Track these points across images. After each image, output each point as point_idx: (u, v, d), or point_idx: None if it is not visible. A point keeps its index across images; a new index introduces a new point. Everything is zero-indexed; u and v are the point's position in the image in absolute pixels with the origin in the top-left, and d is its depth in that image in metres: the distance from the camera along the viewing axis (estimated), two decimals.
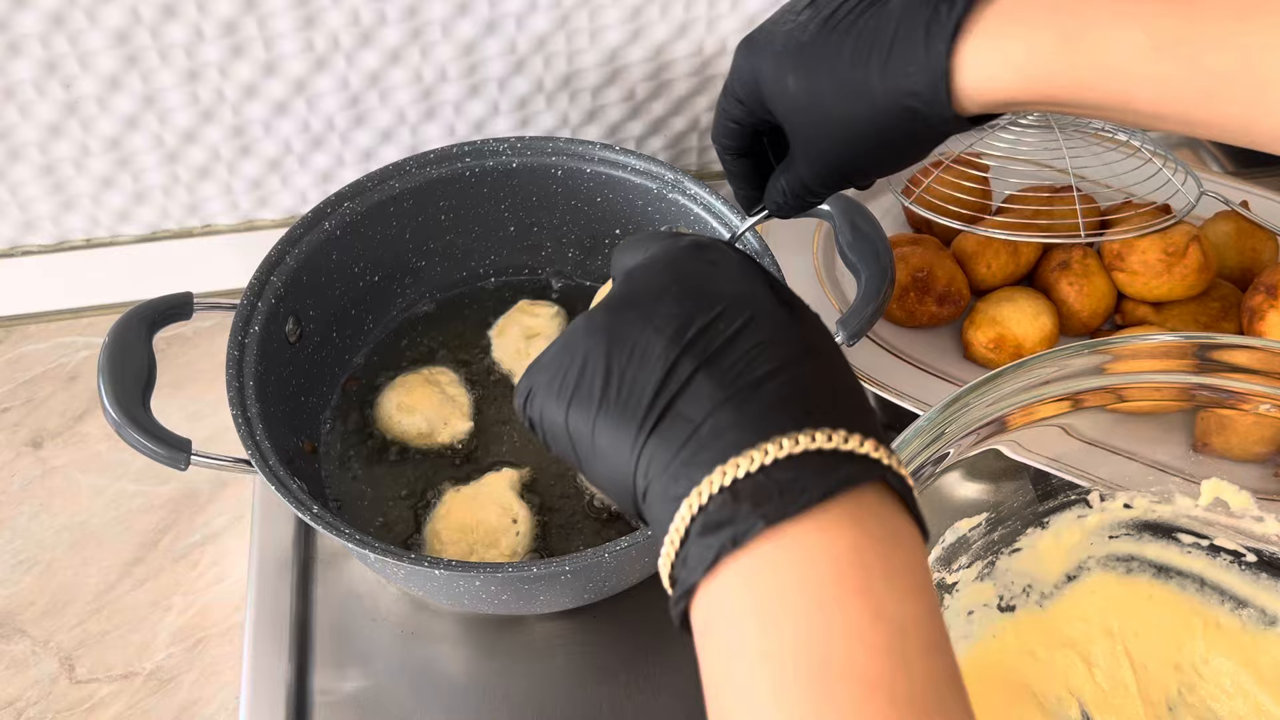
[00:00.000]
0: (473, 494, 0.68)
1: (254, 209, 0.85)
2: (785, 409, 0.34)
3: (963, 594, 0.59)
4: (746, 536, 0.32)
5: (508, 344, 0.76)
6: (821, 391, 0.35)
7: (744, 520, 0.32)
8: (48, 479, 0.77)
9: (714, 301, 0.37)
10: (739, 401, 0.34)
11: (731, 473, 0.32)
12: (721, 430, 0.33)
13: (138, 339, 0.61)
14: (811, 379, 0.35)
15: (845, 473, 0.32)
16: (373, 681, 0.66)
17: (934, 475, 0.54)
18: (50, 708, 0.67)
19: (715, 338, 0.36)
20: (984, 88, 0.42)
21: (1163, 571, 0.60)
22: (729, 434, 0.33)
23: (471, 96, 0.80)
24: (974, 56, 0.42)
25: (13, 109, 0.74)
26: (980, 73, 0.42)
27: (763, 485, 0.32)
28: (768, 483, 0.32)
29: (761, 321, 0.36)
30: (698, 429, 0.34)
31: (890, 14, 0.44)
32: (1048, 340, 0.73)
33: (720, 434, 0.33)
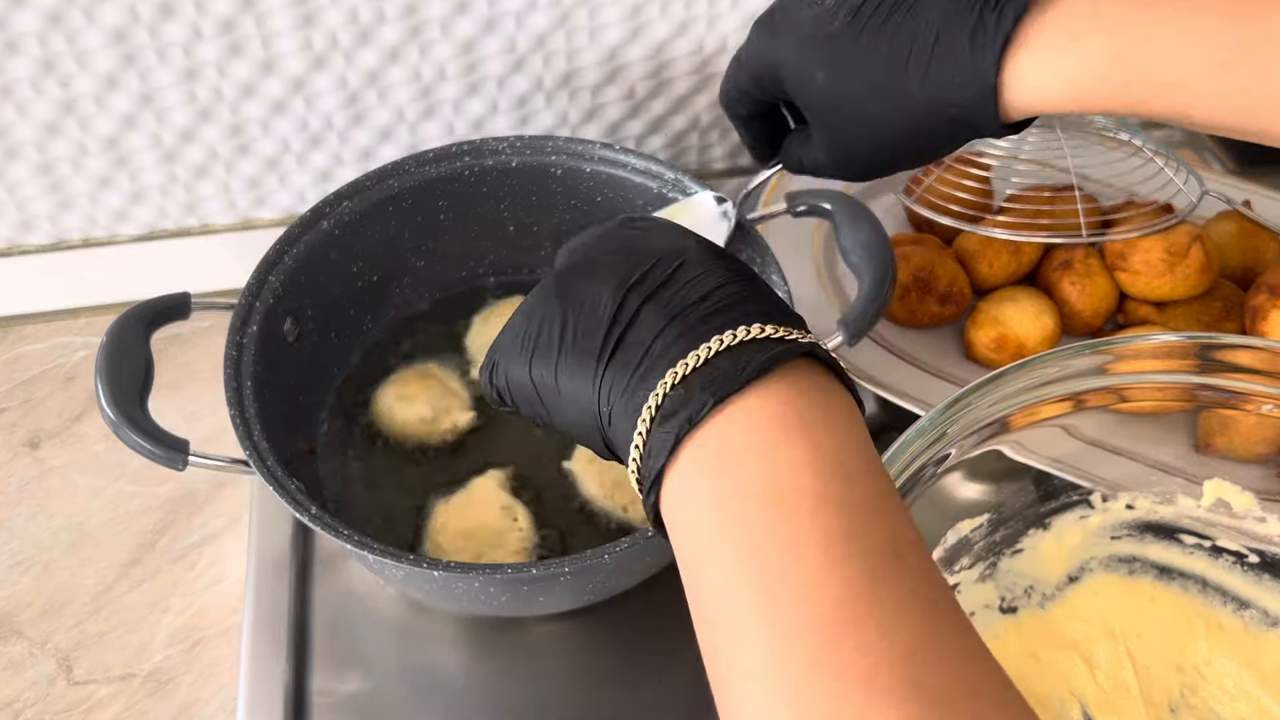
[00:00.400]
0: (465, 500, 0.68)
1: (252, 208, 0.85)
2: (722, 316, 0.38)
3: (964, 595, 0.58)
4: (700, 414, 0.36)
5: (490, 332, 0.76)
6: (751, 301, 0.39)
7: (696, 402, 0.36)
8: (45, 479, 0.77)
9: (649, 254, 0.41)
10: (682, 319, 0.38)
11: (681, 371, 0.37)
12: (670, 343, 0.37)
13: (135, 339, 0.61)
14: (742, 294, 0.39)
15: (779, 350, 0.37)
16: (371, 683, 0.66)
17: (935, 476, 0.54)
18: (48, 709, 0.67)
19: (655, 279, 0.40)
20: (1032, 99, 0.42)
21: (1165, 573, 0.60)
22: (676, 345, 0.37)
23: (470, 95, 0.80)
24: (1025, 69, 0.42)
25: (10, 108, 0.73)
26: (1030, 84, 0.42)
27: (709, 374, 0.36)
28: (713, 371, 0.36)
29: (693, 261, 0.40)
30: (649, 348, 0.38)
31: (929, 18, 0.44)
32: (1050, 340, 0.73)
33: (669, 347, 0.37)
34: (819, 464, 0.34)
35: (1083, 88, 0.42)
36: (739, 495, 0.34)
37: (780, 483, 0.34)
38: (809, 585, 0.32)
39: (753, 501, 0.34)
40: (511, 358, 0.42)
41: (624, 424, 0.38)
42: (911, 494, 0.52)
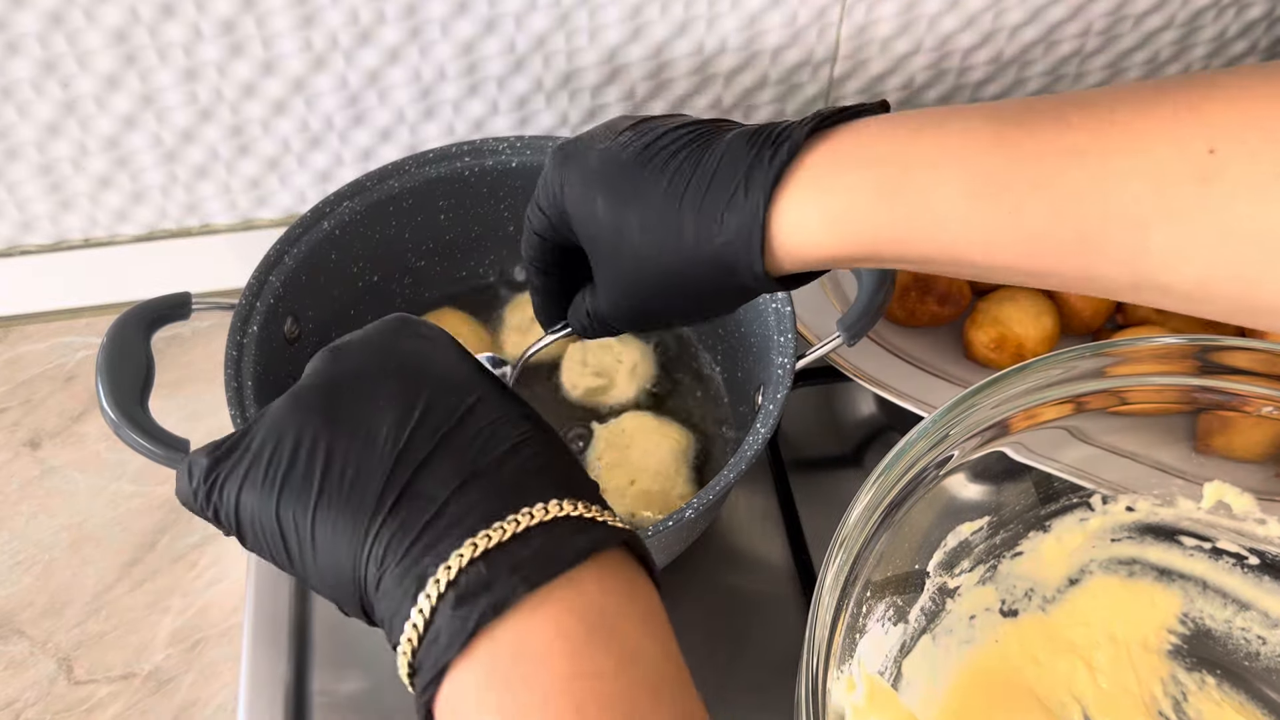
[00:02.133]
0: None
1: (252, 208, 0.85)
2: (533, 480, 0.34)
3: (965, 598, 0.58)
4: (508, 602, 0.31)
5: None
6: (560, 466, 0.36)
7: (503, 586, 0.31)
8: (46, 479, 0.77)
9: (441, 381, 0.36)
10: (486, 476, 0.34)
11: (483, 544, 0.32)
12: (471, 505, 0.33)
13: (136, 339, 0.61)
14: (550, 456, 0.36)
15: (595, 535, 0.33)
16: (371, 682, 0.66)
17: (937, 479, 0.54)
18: (49, 709, 0.67)
19: (448, 416, 0.35)
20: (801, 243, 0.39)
21: (1165, 574, 0.60)
22: (479, 507, 0.33)
23: (471, 96, 0.80)
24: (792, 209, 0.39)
25: (10, 108, 0.73)
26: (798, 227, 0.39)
27: (518, 553, 0.32)
28: (524, 550, 0.32)
29: (491, 401, 0.36)
30: (443, 506, 0.33)
31: (714, 154, 0.41)
32: (1049, 340, 0.73)
33: (470, 508, 0.33)
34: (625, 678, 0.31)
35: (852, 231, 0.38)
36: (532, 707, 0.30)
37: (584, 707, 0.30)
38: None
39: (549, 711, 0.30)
40: (250, 485, 0.35)
41: (396, 593, 0.33)
42: (913, 496, 0.53)
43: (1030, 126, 0.36)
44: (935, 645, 0.58)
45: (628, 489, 0.69)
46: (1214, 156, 0.33)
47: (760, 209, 0.39)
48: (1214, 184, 0.33)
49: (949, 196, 0.37)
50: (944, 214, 0.37)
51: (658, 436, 0.71)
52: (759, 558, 0.72)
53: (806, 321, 0.73)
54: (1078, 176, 0.34)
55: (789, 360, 0.63)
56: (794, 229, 0.39)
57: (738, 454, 0.59)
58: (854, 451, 0.79)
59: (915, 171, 0.37)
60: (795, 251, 0.40)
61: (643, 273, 0.43)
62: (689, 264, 0.41)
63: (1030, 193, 0.35)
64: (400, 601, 0.33)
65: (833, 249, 0.39)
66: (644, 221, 0.42)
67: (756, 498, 0.75)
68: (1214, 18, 0.84)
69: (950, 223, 0.37)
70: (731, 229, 0.40)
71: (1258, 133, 0.32)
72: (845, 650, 0.52)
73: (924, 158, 0.37)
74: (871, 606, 0.54)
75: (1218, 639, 0.59)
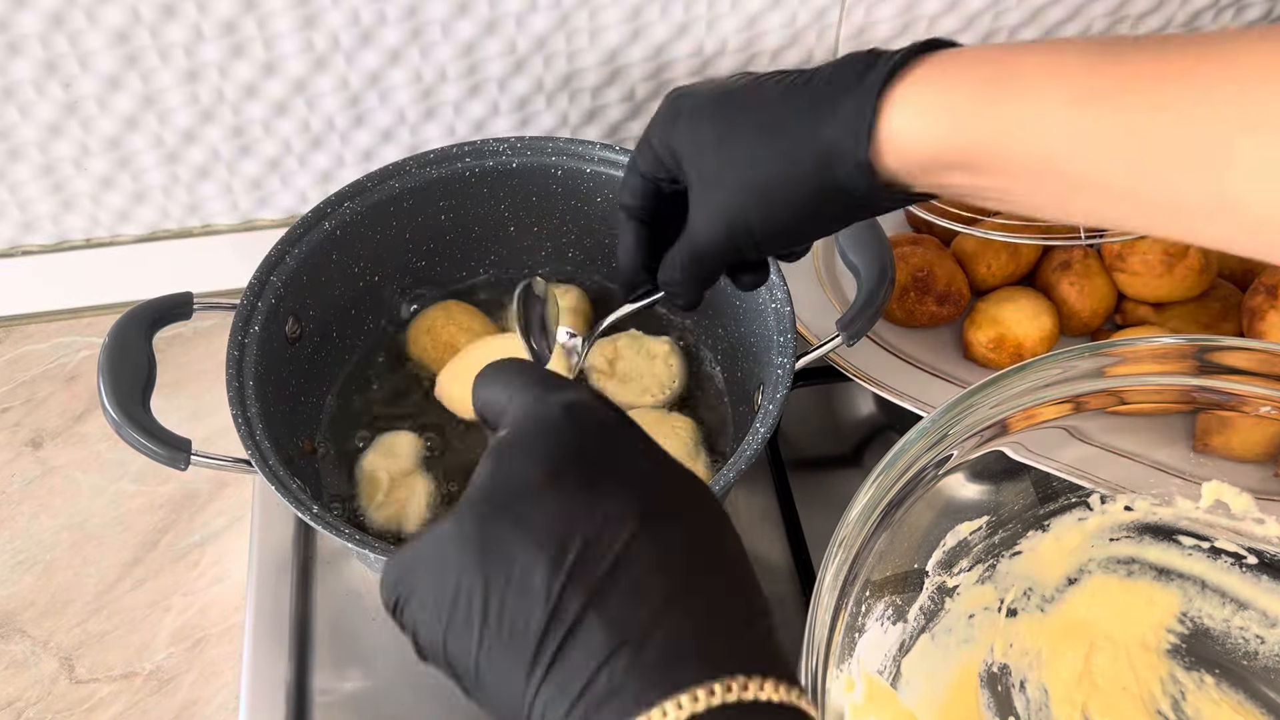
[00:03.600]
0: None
1: (254, 209, 0.85)
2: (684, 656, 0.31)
3: (963, 597, 0.59)
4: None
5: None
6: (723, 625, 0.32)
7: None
8: (47, 479, 0.77)
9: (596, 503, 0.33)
10: (633, 648, 0.31)
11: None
12: (617, 687, 0.31)
13: (138, 339, 0.61)
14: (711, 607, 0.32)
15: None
16: (372, 682, 0.66)
17: (936, 478, 0.54)
18: (50, 708, 0.67)
19: (601, 560, 0.32)
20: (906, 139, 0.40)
21: (1164, 574, 0.60)
22: (625, 691, 0.30)
23: (471, 96, 0.80)
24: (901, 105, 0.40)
25: (12, 109, 0.73)
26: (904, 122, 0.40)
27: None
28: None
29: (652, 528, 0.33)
30: (591, 683, 0.31)
31: (826, 67, 0.42)
32: (1048, 340, 0.73)
33: (615, 691, 0.31)
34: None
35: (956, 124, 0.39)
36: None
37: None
38: None
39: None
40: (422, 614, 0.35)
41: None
42: (912, 496, 0.53)
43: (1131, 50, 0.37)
44: (934, 644, 0.58)
45: None
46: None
47: (871, 97, 0.40)
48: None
49: (1053, 100, 0.38)
50: (1046, 115, 0.38)
51: (665, 429, 0.71)
52: (759, 557, 0.72)
53: (806, 321, 0.73)
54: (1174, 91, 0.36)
55: (789, 360, 0.63)
56: (901, 123, 0.40)
57: (737, 454, 0.59)
58: (853, 451, 0.79)
59: (1022, 76, 0.38)
60: (900, 147, 0.40)
61: (746, 183, 0.43)
62: (795, 159, 0.41)
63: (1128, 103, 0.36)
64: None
65: (934, 148, 0.40)
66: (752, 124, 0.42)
67: (756, 497, 0.75)
68: (1213, 18, 0.85)
69: (1050, 127, 0.38)
70: (839, 117, 0.40)
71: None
72: (844, 649, 0.52)
73: (1030, 65, 0.39)
74: (871, 606, 0.54)
75: (1216, 638, 0.59)
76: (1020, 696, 0.58)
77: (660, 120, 0.46)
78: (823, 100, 0.41)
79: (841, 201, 0.42)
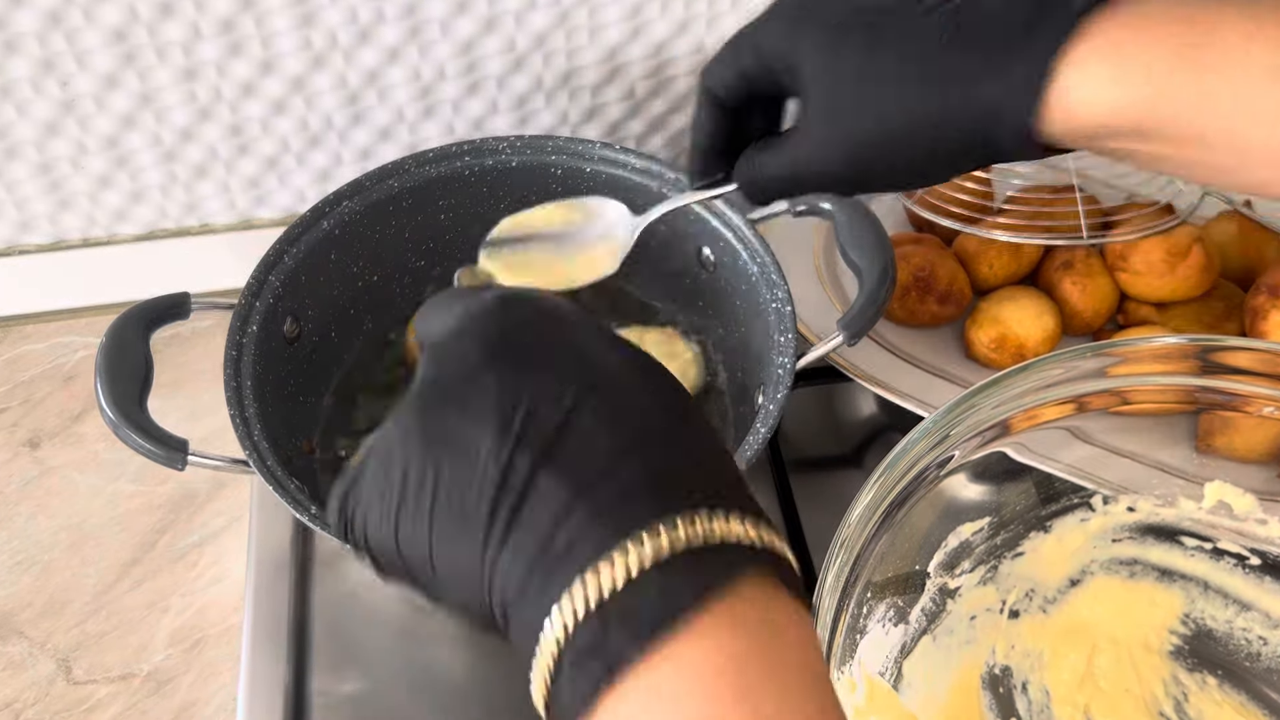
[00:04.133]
0: None
1: (252, 208, 0.85)
2: (643, 497, 0.30)
3: (965, 599, 0.58)
4: (620, 665, 0.28)
5: None
6: (679, 466, 0.31)
7: (615, 645, 0.28)
8: (45, 479, 0.77)
9: (539, 375, 0.32)
10: (590, 498, 0.30)
11: (594, 584, 0.29)
12: (575, 538, 0.29)
13: (135, 339, 0.61)
14: (666, 451, 0.31)
15: (719, 566, 0.29)
16: (371, 683, 0.66)
17: (938, 479, 0.54)
18: (48, 709, 0.67)
19: (548, 421, 0.31)
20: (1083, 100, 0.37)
21: (1166, 575, 0.60)
22: (586, 540, 0.29)
23: (470, 95, 0.80)
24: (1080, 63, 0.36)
25: (9, 107, 0.73)
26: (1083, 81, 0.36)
27: (629, 600, 0.29)
28: (636, 591, 0.29)
29: (599, 391, 0.32)
30: (550, 539, 0.30)
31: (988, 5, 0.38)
32: (1050, 340, 0.73)
33: (574, 543, 0.29)
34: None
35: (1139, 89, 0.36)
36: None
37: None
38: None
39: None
40: (372, 519, 0.33)
41: (523, 637, 0.30)
42: (914, 497, 0.52)
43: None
44: (936, 646, 0.58)
45: None
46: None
47: (1047, 58, 0.36)
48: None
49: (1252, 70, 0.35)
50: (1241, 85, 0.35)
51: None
52: None
53: (806, 321, 0.73)
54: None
55: (789, 360, 0.63)
56: (1078, 89, 0.37)
57: (738, 454, 0.59)
58: (854, 451, 0.79)
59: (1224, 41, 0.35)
60: (1072, 113, 0.37)
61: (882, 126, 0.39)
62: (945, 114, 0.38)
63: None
64: (524, 644, 0.30)
65: (1110, 115, 0.37)
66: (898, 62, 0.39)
67: (756, 497, 0.74)
68: None
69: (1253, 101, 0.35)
70: (1006, 75, 0.37)
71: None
72: (846, 651, 0.52)
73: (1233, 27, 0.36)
74: (872, 607, 0.54)
75: (1219, 639, 0.59)
76: (1022, 698, 0.58)
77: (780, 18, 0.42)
78: (984, 48, 0.37)
79: (981, 157, 0.40)
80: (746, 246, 0.69)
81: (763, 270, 0.67)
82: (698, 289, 0.75)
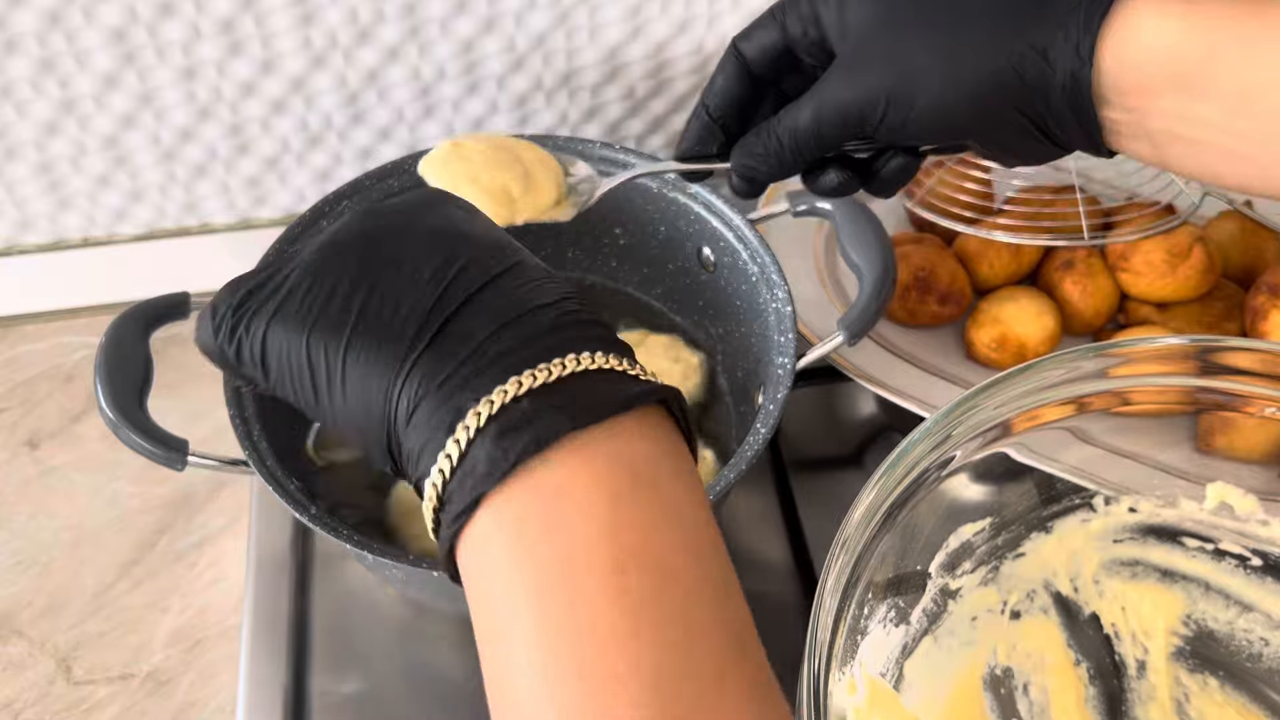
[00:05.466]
0: None
1: (251, 208, 0.85)
2: (576, 332, 0.33)
3: (966, 600, 0.58)
4: (551, 439, 0.31)
5: None
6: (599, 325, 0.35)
7: (546, 424, 0.31)
8: (45, 479, 0.77)
9: (479, 240, 0.36)
10: (526, 323, 0.33)
11: (527, 383, 0.31)
12: (512, 346, 0.32)
13: (135, 339, 0.61)
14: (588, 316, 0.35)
15: (639, 389, 0.33)
16: (371, 683, 0.66)
17: (939, 479, 0.53)
18: (47, 709, 0.67)
19: (490, 268, 0.34)
20: (1132, 52, 0.37)
21: (1168, 576, 0.60)
22: (521, 350, 0.32)
23: (470, 94, 0.80)
24: (1136, 9, 0.37)
25: (9, 107, 0.73)
26: (1136, 33, 0.37)
27: (561, 395, 0.31)
28: (568, 393, 0.32)
29: (532, 264, 0.36)
30: (482, 345, 0.32)
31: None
32: (1051, 340, 0.73)
33: (511, 349, 0.32)
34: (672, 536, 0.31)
35: (1188, 37, 0.36)
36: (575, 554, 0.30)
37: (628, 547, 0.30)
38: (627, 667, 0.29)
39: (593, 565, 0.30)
40: (281, 316, 0.34)
41: (428, 427, 0.32)
42: (915, 498, 0.52)
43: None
44: (937, 647, 0.58)
45: None
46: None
47: (1098, 11, 0.37)
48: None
49: None
50: None
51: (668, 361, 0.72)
52: (759, 558, 0.72)
53: (807, 321, 0.73)
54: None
55: (789, 360, 0.63)
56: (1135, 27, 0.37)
57: (738, 454, 0.59)
58: (855, 452, 0.79)
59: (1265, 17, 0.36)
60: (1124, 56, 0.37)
61: (921, 65, 0.39)
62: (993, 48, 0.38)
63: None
64: (433, 433, 0.32)
65: (1162, 59, 0.37)
66: (947, 9, 0.39)
67: (757, 498, 0.74)
68: None
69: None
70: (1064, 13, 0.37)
71: None
72: (847, 652, 0.52)
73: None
74: (873, 608, 0.54)
75: (1220, 640, 0.59)
76: (1023, 699, 0.58)
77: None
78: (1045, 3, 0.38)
79: (1021, 117, 0.39)
80: (746, 246, 0.68)
81: (763, 270, 0.67)
82: (698, 289, 0.75)
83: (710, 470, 0.71)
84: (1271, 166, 0.39)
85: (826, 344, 0.64)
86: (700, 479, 0.34)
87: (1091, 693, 0.59)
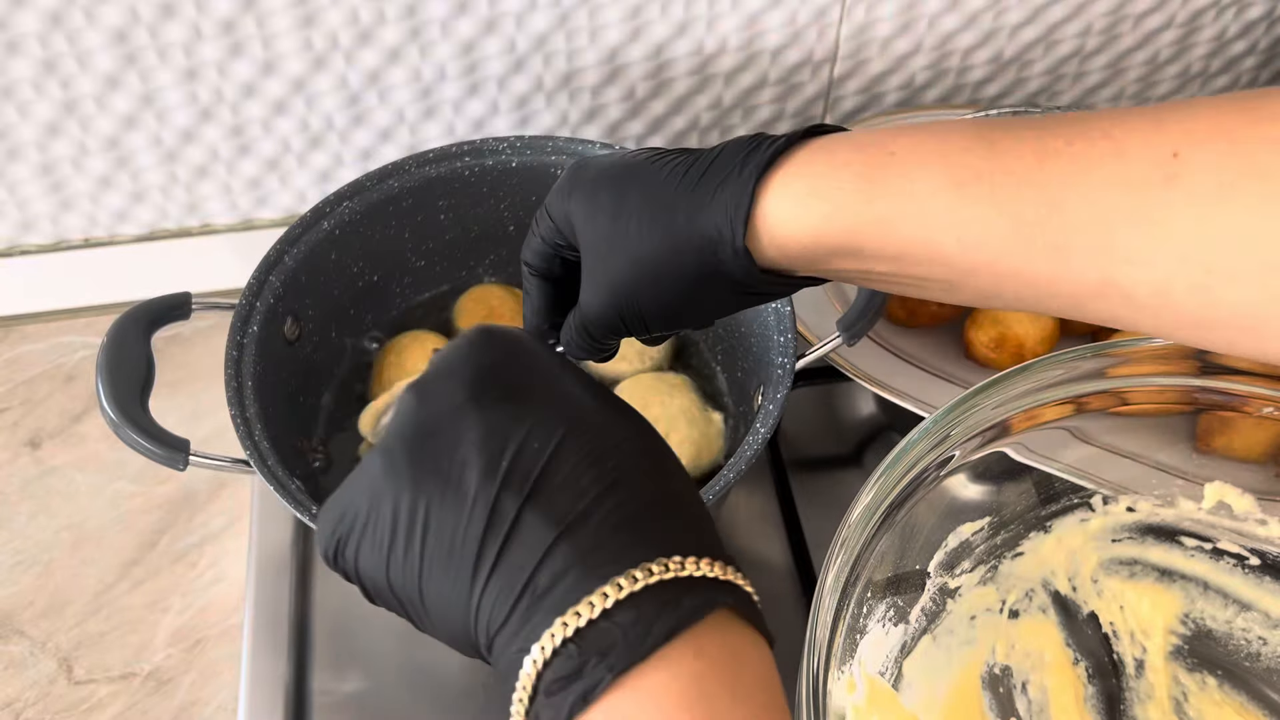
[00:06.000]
0: None
1: (252, 208, 0.85)
2: (620, 541, 0.33)
3: (965, 599, 0.58)
4: (595, 692, 0.31)
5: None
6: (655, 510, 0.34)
7: (591, 673, 0.31)
8: (46, 479, 0.77)
9: (522, 415, 0.35)
10: (571, 539, 0.33)
11: (573, 623, 0.31)
12: (557, 577, 0.32)
13: (136, 339, 0.61)
14: (643, 496, 0.34)
15: (688, 605, 0.32)
16: (372, 682, 0.66)
17: (938, 479, 0.54)
18: (49, 708, 0.67)
19: (533, 463, 0.34)
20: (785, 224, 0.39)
21: (1166, 575, 0.60)
22: (565, 580, 0.32)
23: (471, 95, 0.80)
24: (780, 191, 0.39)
25: (11, 108, 0.73)
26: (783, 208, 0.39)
27: (606, 632, 0.31)
28: (611, 628, 0.31)
29: (579, 432, 0.35)
30: (532, 578, 0.32)
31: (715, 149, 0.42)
32: (1050, 339, 0.73)
33: (556, 581, 0.32)
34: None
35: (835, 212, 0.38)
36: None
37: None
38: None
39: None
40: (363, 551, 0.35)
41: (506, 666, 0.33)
42: (914, 497, 0.53)
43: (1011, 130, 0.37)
44: (936, 646, 0.58)
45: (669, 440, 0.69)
46: (1178, 160, 0.33)
47: (751, 182, 0.39)
48: (1176, 187, 0.33)
49: (931, 185, 0.37)
50: (925, 201, 0.37)
51: (666, 386, 0.71)
52: (759, 558, 0.72)
53: (806, 321, 0.73)
54: (1053, 171, 0.35)
55: (789, 360, 0.63)
56: (777, 211, 0.39)
57: (737, 454, 0.59)
58: (854, 451, 0.79)
59: (900, 158, 0.38)
60: (777, 235, 0.40)
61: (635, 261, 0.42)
62: (678, 242, 0.41)
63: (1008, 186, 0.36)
64: (510, 676, 0.32)
65: (814, 235, 0.39)
66: (641, 203, 0.42)
67: (756, 498, 0.75)
68: (1214, 18, 0.84)
69: (930, 212, 0.37)
70: (717, 203, 0.40)
71: (1223, 141, 0.33)
72: (846, 651, 0.52)
73: (909, 148, 0.38)
74: (872, 607, 0.54)
75: (1219, 640, 0.59)
76: (1022, 698, 0.58)
77: (560, 189, 0.45)
78: (705, 184, 0.41)
79: (725, 286, 0.42)
80: None
81: None
82: None
83: (718, 432, 0.71)
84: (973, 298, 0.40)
85: (826, 344, 0.64)
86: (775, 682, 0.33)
87: (1090, 691, 0.59)
